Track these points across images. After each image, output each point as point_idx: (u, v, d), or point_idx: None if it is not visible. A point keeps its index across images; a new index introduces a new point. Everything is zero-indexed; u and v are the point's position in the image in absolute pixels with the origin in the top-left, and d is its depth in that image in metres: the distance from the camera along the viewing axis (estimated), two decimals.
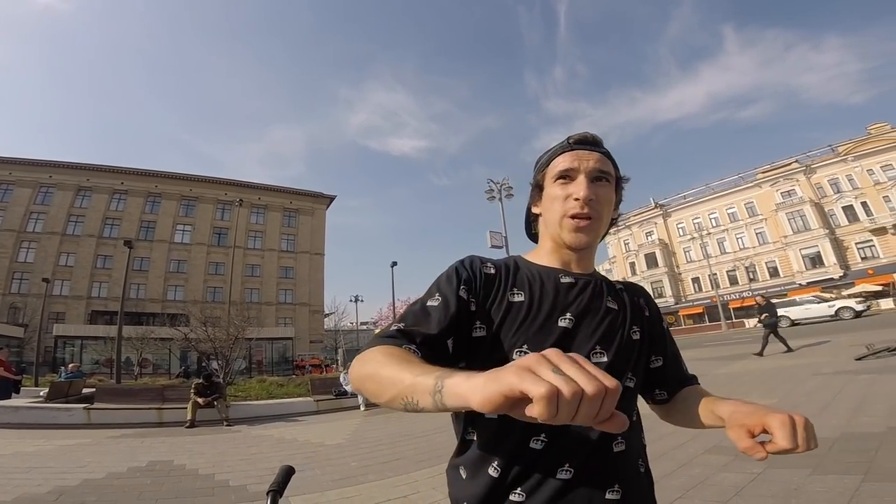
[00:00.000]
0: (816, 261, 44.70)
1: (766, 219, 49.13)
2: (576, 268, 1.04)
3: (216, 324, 16.94)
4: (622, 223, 61.57)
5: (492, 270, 0.99)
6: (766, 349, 12.81)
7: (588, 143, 1.01)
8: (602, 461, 0.88)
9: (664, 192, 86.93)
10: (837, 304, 26.60)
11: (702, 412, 0.96)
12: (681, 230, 56.62)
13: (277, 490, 1.17)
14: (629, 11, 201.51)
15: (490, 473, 0.88)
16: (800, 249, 45.73)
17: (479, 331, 0.94)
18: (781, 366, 10.33)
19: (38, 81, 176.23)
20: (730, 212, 52.74)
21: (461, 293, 0.93)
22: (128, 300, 26.87)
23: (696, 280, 54.04)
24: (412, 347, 0.83)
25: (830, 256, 43.67)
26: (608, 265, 61.51)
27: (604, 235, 1.06)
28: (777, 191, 48.60)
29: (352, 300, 52.38)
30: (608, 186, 1.00)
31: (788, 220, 46.72)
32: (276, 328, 42.56)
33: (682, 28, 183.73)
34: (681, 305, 53.19)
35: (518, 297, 0.96)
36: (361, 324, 69.50)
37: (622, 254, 61.85)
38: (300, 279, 50.93)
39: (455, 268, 0.98)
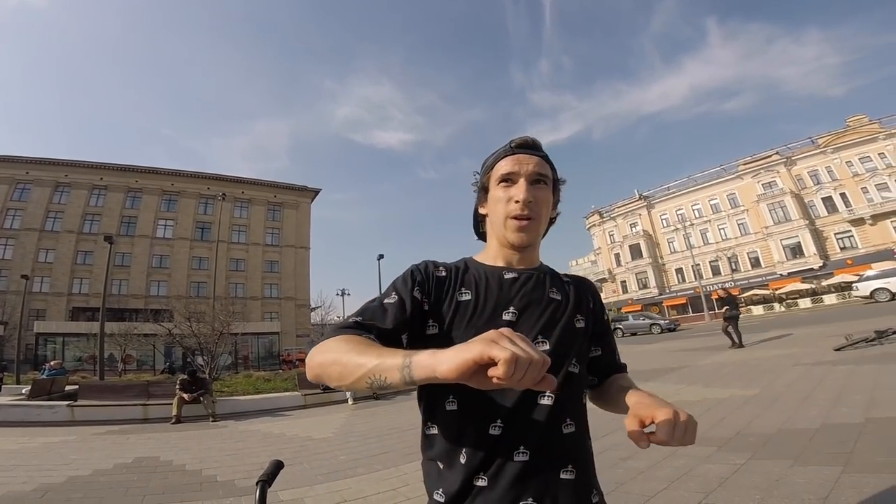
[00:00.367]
0: (797, 251, 45.49)
1: (748, 210, 49.77)
2: (520, 263, 1.11)
3: (201, 319, 16.74)
4: (607, 214, 62.19)
5: (443, 273, 1.08)
6: (738, 338, 12.98)
7: (528, 147, 1.09)
8: (555, 443, 0.95)
9: (648, 184, 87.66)
10: None
11: (619, 399, 1.02)
12: (665, 221, 57.11)
13: (267, 480, 1.20)
14: (614, 4, 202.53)
15: (460, 461, 0.94)
16: (781, 240, 46.48)
17: (433, 329, 1.02)
18: (763, 356, 10.49)
19: (12, 77, 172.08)
20: (712, 203, 53.31)
21: (415, 293, 1.01)
22: (110, 296, 26.52)
23: (680, 271, 54.62)
24: (371, 337, 0.89)
25: (811, 247, 44.49)
26: (594, 256, 61.96)
27: (545, 232, 1.15)
28: (758, 182, 49.27)
29: (338, 294, 52.16)
30: (546, 189, 1.08)
31: (769, 212, 47.44)
32: (262, 323, 42.17)
33: (666, 21, 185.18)
34: (665, 296, 53.74)
35: (465, 297, 1.04)
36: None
37: (607, 245, 62.30)
38: (285, 273, 50.56)
39: (411, 270, 1.07)
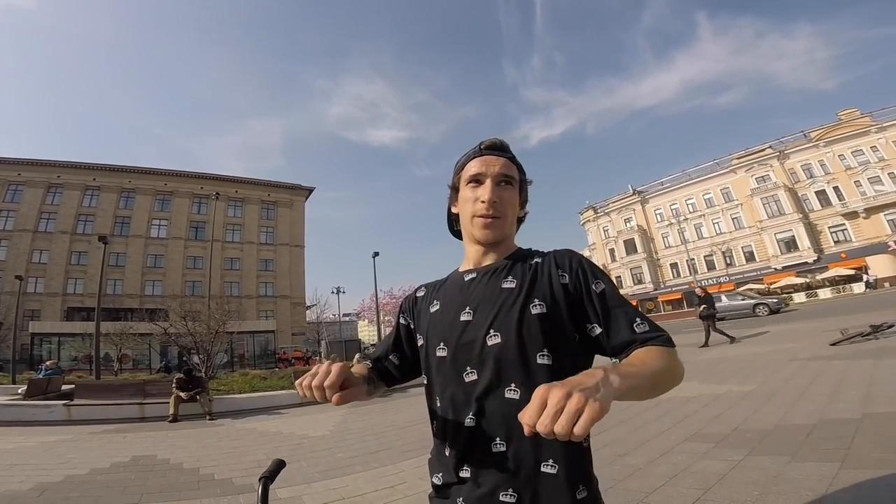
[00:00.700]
0: (791, 245, 45.70)
1: (742, 204, 49.93)
2: (488, 260, 1.14)
3: (196, 318, 16.69)
4: (601, 210, 62.23)
5: (422, 293, 1.26)
6: (711, 338, 13.28)
7: (496, 149, 1.14)
8: (532, 437, 0.85)
9: (642, 179, 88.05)
10: None
11: None
12: (659, 216, 57.25)
13: (269, 477, 1.22)
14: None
15: (446, 454, 1.03)
16: (775, 234, 46.65)
17: (420, 340, 1.18)
18: (759, 352, 10.54)
19: (1, 78, 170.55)
20: (706, 197, 53.44)
21: (401, 319, 1.27)
22: (105, 296, 26.40)
23: (675, 266, 54.81)
24: (370, 365, 1.26)
25: (805, 241, 44.70)
26: (588, 252, 61.88)
27: (517, 229, 1.21)
28: (752, 176, 49.37)
29: (333, 292, 52.07)
30: (512, 189, 1.12)
31: (763, 206, 47.60)
32: (258, 321, 42.09)
33: (657, 16, 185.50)
34: (660, 291, 53.93)
35: (434, 307, 1.16)
36: (344, 315, 69.39)
37: (601, 240, 62.41)
38: (280, 272, 50.48)
39: (402, 302, 1.31)
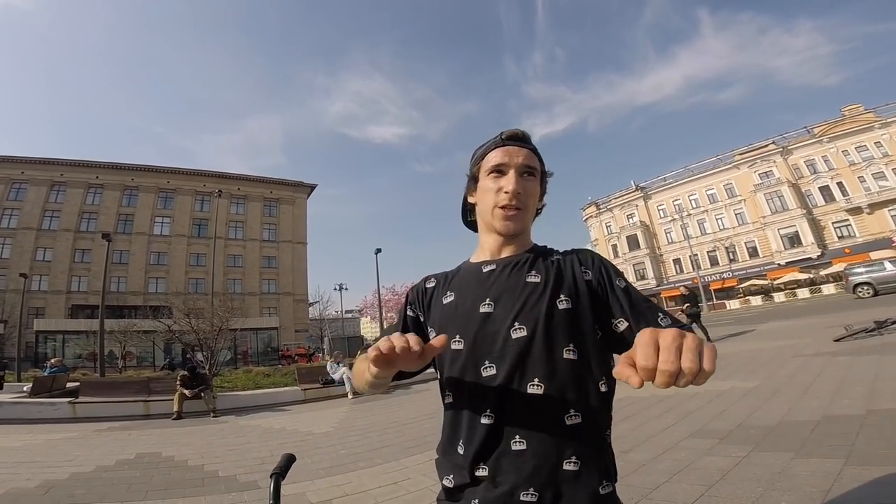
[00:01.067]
0: (795, 240, 45.56)
1: (745, 199, 49.79)
2: (507, 251, 1.14)
3: (200, 315, 16.71)
4: (604, 206, 62.12)
5: (432, 284, 1.20)
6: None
7: (518, 140, 1.12)
8: (554, 433, 0.93)
9: (644, 175, 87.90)
10: None
11: None
12: (661, 212, 57.13)
13: (280, 473, 1.24)
14: None
15: (458, 452, 0.99)
16: (778, 229, 46.53)
17: (432, 333, 1.13)
18: (763, 348, 10.51)
19: (2, 78, 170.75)
20: (709, 193, 53.29)
21: (408, 312, 1.19)
22: (108, 293, 26.47)
23: (678, 261, 54.72)
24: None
25: (808, 236, 44.56)
26: (591, 247, 61.72)
27: (532, 221, 1.18)
28: (755, 172, 49.21)
29: (336, 288, 52.40)
30: (534, 180, 1.12)
31: (766, 201, 47.45)
32: (261, 318, 42.26)
33: (658, 11, 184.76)
34: (663, 287, 53.76)
35: (448, 299, 1.12)
36: (346, 312, 69.68)
37: (604, 236, 62.31)
38: (283, 269, 50.59)
39: (408, 292, 1.23)
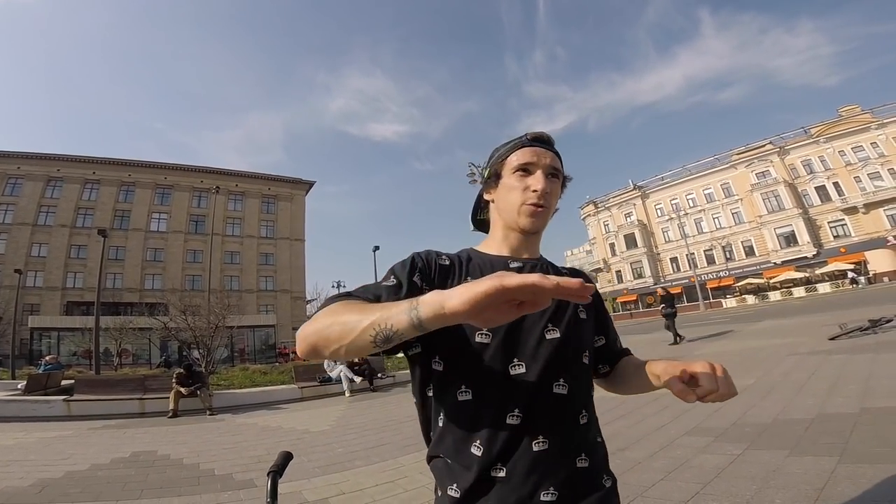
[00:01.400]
0: (791, 240, 45.73)
1: (742, 199, 49.90)
2: (524, 252, 1.14)
3: (196, 312, 16.64)
4: (602, 204, 62.26)
5: (447, 262, 1.07)
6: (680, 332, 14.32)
7: (544, 142, 1.13)
8: (571, 432, 0.97)
9: (643, 174, 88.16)
10: None
11: (637, 376, 1.06)
12: (659, 211, 57.21)
13: (277, 471, 1.22)
14: None
15: (473, 453, 0.92)
16: (774, 229, 46.70)
17: None
18: (758, 346, 10.57)
19: (1, 73, 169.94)
20: (706, 192, 53.39)
21: (415, 279, 0.98)
22: (104, 290, 26.30)
23: (675, 260, 54.81)
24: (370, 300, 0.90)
25: (804, 235, 44.74)
26: (588, 246, 62.01)
27: None
28: (752, 172, 49.37)
29: (334, 286, 52.06)
30: (557, 183, 1.12)
31: (763, 201, 47.58)
32: (258, 316, 42.00)
33: (660, 11, 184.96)
34: (660, 285, 53.76)
35: None
36: None
37: (602, 235, 62.36)
38: (281, 266, 50.40)
39: (412, 257, 1.04)
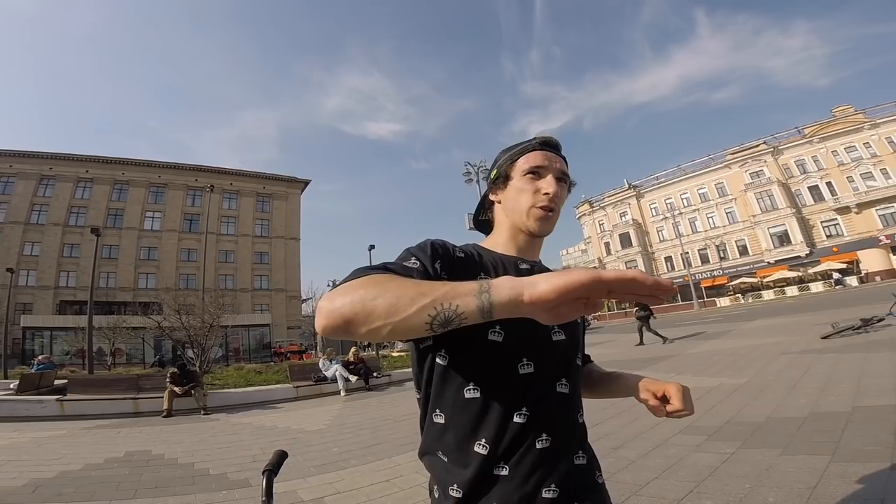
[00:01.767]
0: (784, 239, 46.02)
1: (736, 198, 50.16)
2: (528, 254, 1.14)
3: (190, 311, 16.56)
4: (597, 204, 62.49)
5: (462, 255, 1.03)
6: (645, 337, 14.56)
7: (554, 147, 1.14)
8: (571, 430, 1.00)
9: (637, 174, 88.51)
10: None
11: (603, 384, 1.22)
12: (654, 210, 57.45)
13: (272, 470, 1.21)
14: None
15: (478, 451, 0.90)
16: (768, 228, 46.98)
17: None
18: (751, 345, 10.63)
19: None
20: (701, 192, 53.64)
21: (436, 266, 0.92)
22: (98, 289, 26.23)
23: (669, 259, 55.04)
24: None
25: (797, 235, 45.01)
26: (584, 245, 62.16)
27: None
28: (746, 171, 49.66)
29: (329, 285, 52.10)
30: (565, 187, 1.13)
31: (757, 200, 47.88)
32: (253, 315, 41.89)
33: (656, 11, 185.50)
34: None
35: (486, 279, 0.98)
36: None
37: (597, 234, 62.55)
38: (276, 265, 50.26)
39: (430, 242, 0.98)
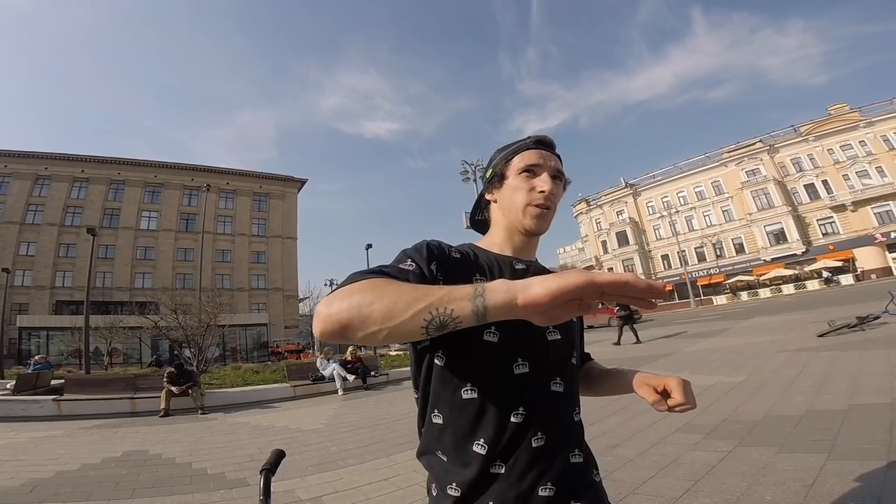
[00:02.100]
0: (780, 237, 46.19)
1: (732, 197, 50.29)
2: (524, 253, 1.13)
3: (187, 311, 16.50)
4: (594, 202, 62.56)
5: (458, 255, 1.03)
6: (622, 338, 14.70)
7: (548, 146, 1.14)
8: (567, 429, 1.00)
9: (634, 172, 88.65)
10: None
11: (603, 382, 1.20)
12: (650, 208, 57.53)
13: (270, 469, 1.22)
14: None
15: (476, 451, 0.91)
16: (764, 226, 47.11)
17: None
18: (748, 343, 10.66)
19: None
20: (697, 190, 53.77)
21: (432, 267, 0.93)
22: (94, 289, 26.13)
23: (666, 257, 55.13)
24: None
25: (793, 233, 45.18)
26: (581, 243, 62.19)
27: None
28: (742, 170, 49.79)
29: (326, 284, 52.03)
30: (560, 185, 1.13)
31: (753, 198, 48.02)
32: (250, 314, 41.83)
33: (652, 10, 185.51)
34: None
35: (481, 281, 0.97)
36: None
37: (594, 232, 62.61)
38: (273, 264, 50.14)
39: (426, 244, 0.98)
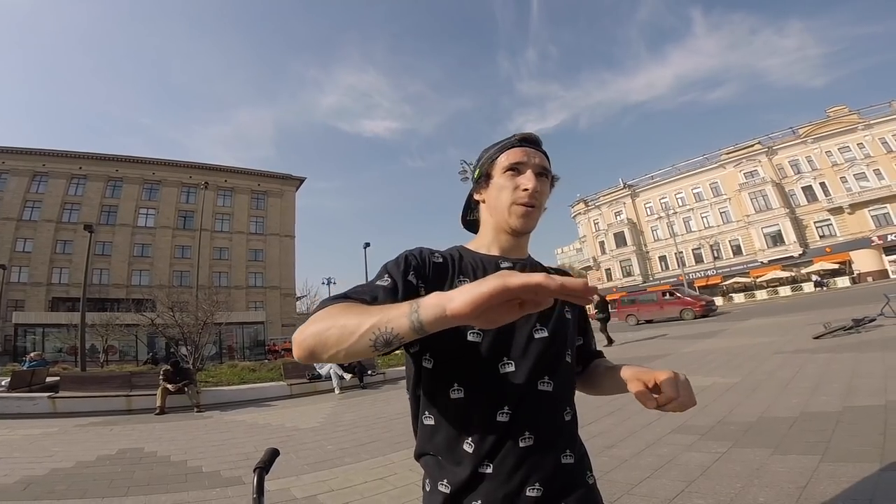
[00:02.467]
0: (777, 239, 46.21)
1: (730, 198, 50.31)
2: (513, 252, 1.14)
3: (184, 309, 16.49)
4: (592, 203, 62.64)
5: (440, 259, 1.06)
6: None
7: (534, 143, 1.14)
8: (557, 429, 1.00)
9: (632, 173, 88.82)
10: None
11: (608, 379, 1.12)
12: (648, 209, 57.57)
13: (263, 468, 1.21)
14: None
15: (465, 450, 0.94)
16: (762, 228, 47.14)
17: None
18: (744, 344, 10.69)
19: None
20: (695, 191, 53.80)
21: (409, 278, 0.97)
22: (90, 286, 26.00)
23: (664, 258, 55.18)
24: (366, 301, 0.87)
25: (791, 235, 45.21)
26: (579, 244, 62.25)
27: None
28: (740, 171, 49.82)
29: (324, 283, 52.00)
30: (546, 182, 1.13)
31: (751, 200, 48.04)
32: (247, 312, 41.70)
33: (651, 10, 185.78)
34: (649, 284, 54.12)
35: (464, 284, 0.97)
36: None
37: (592, 233, 62.66)
38: (270, 262, 50.13)
39: (405, 255, 1.03)
